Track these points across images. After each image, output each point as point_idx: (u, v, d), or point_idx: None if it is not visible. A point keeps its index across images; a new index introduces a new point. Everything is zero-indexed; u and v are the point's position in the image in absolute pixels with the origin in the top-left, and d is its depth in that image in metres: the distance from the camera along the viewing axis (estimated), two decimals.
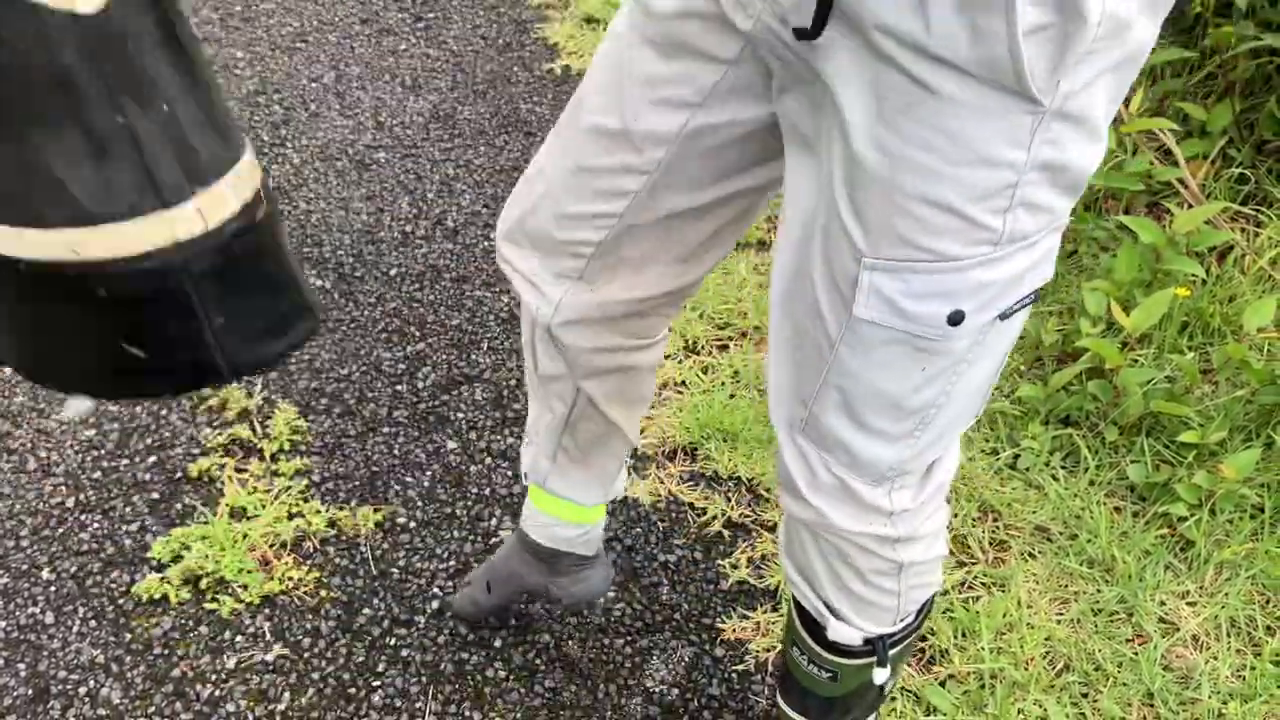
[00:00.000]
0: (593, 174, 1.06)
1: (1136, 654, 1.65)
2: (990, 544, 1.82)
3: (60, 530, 1.80)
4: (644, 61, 0.99)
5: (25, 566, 1.74)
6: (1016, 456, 1.95)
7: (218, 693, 1.59)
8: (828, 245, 0.92)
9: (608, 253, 1.11)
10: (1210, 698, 1.60)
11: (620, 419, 1.33)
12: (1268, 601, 1.74)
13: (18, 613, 1.68)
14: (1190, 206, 2.26)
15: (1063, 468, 1.93)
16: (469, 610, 1.66)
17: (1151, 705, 1.60)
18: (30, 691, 1.58)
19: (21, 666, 1.61)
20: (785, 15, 0.86)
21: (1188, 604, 1.73)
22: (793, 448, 1.07)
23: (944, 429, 1.01)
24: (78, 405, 0.75)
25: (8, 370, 2.06)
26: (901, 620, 1.21)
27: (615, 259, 1.12)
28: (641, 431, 2.00)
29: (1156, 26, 0.81)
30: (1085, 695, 1.61)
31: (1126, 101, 2.38)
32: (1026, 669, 1.62)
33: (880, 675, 1.24)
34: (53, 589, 1.71)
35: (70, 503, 1.84)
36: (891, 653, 1.23)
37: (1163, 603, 1.73)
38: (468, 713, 1.58)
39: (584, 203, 1.08)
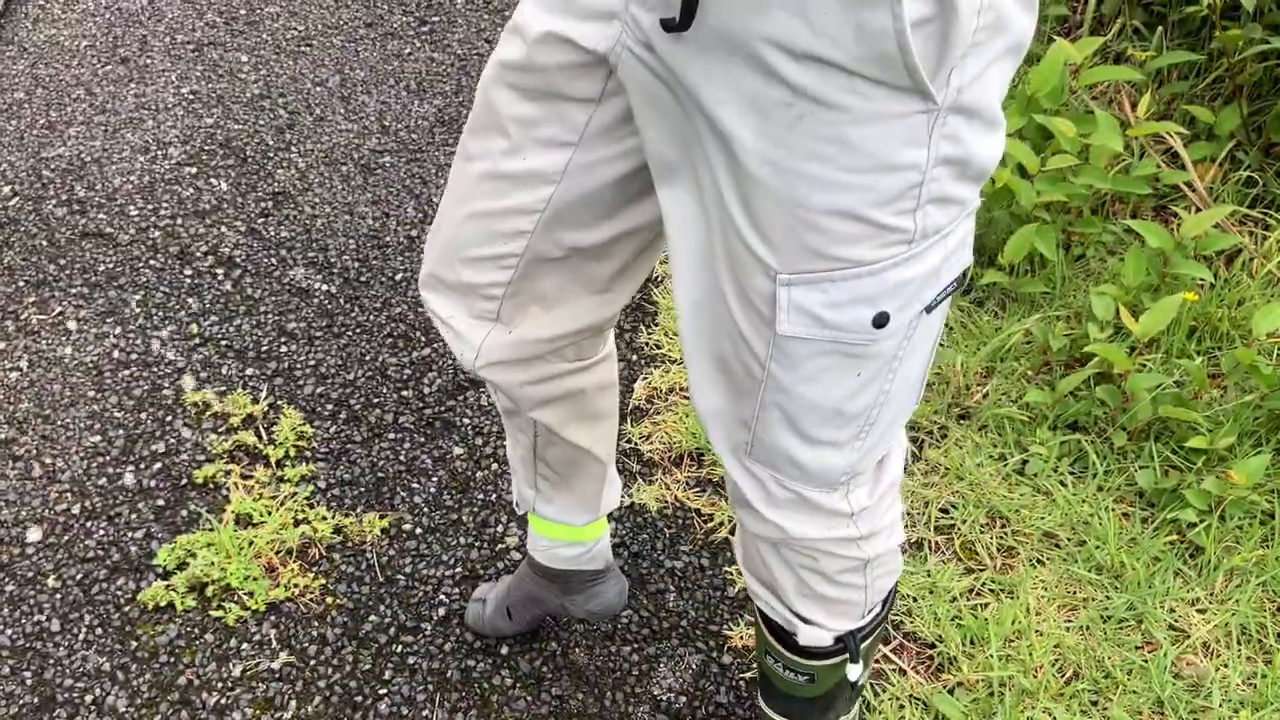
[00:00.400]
0: (487, 217, 1.08)
1: (1146, 661, 1.64)
2: (998, 550, 1.81)
3: (66, 537, 1.79)
4: (513, 105, 1.00)
5: (31, 574, 1.74)
6: (1024, 462, 1.94)
7: (223, 701, 1.58)
8: (735, 268, 0.91)
9: (518, 291, 1.13)
10: (1221, 706, 1.59)
11: (584, 441, 1.33)
12: (1278, 609, 1.73)
13: (24, 620, 1.67)
14: (1198, 210, 2.25)
15: (1071, 473, 1.93)
16: (489, 635, 1.67)
17: (1162, 713, 1.59)
18: (36, 700, 1.57)
19: (28, 674, 1.60)
20: (648, 38, 0.86)
21: (1198, 611, 1.72)
22: (742, 470, 1.07)
23: (888, 425, 1.03)
24: None
25: (13, 376, 2.06)
26: (870, 612, 1.23)
27: (527, 297, 1.13)
28: (647, 438, 2.00)
29: (1032, 20, 0.83)
30: (1095, 703, 1.60)
31: (1133, 104, 2.37)
32: (1035, 676, 1.61)
33: (854, 671, 1.25)
34: (58, 596, 1.71)
35: (76, 509, 1.84)
36: (862, 646, 1.24)
37: (1172, 610, 1.72)
38: None
39: (485, 245, 1.09)
